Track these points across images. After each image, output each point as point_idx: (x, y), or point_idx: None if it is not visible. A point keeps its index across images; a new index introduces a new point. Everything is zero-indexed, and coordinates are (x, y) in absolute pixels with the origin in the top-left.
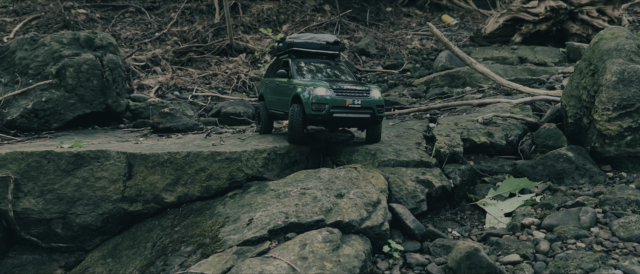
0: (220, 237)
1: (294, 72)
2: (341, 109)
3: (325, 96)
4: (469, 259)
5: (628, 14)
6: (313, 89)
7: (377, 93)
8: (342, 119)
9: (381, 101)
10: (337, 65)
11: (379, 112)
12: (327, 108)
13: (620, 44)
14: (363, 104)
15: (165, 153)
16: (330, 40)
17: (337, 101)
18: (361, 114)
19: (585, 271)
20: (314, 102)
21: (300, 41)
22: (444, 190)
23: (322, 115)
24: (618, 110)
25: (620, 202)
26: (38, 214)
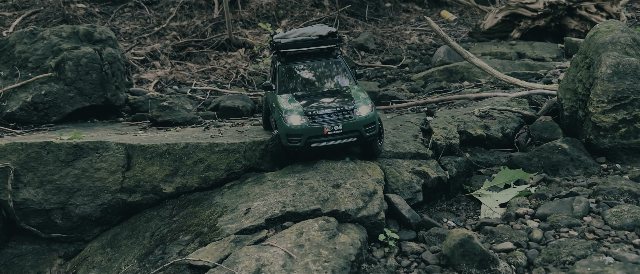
0: (218, 226)
1: (279, 84)
2: (320, 137)
3: (300, 126)
4: (463, 246)
5: (627, 10)
6: (287, 118)
7: (366, 109)
8: (324, 148)
9: (371, 118)
10: (331, 64)
11: (369, 131)
12: (303, 139)
13: (616, 37)
14: (345, 128)
15: (164, 144)
16: (324, 33)
17: (314, 130)
18: (345, 139)
19: (576, 258)
20: (288, 134)
21: (288, 41)
22: (439, 181)
23: (298, 147)
24: (613, 102)
25: (613, 193)
26: (37, 204)
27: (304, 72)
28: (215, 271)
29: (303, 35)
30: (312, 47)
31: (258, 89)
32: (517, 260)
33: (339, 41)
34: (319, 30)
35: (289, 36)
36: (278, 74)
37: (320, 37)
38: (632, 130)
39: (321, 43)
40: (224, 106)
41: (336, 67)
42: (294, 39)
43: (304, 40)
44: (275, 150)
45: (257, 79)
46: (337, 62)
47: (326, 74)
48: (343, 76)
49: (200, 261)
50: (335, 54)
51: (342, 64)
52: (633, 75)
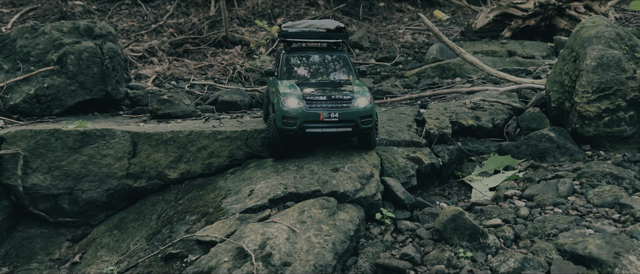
0: (223, 207)
1: (281, 71)
2: (315, 123)
3: (296, 109)
4: (454, 221)
5: (615, 11)
6: (284, 100)
7: (364, 100)
8: (318, 134)
9: (368, 110)
10: (335, 58)
11: (365, 123)
12: (298, 123)
13: (600, 32)
14: (341, 116)
15: (169, 132)
16: (332, 27)
17: (310, 115)
18: (340, 128)
19: (560, 231)
20: (284, 117)
21: (296, 30)
22: (433, 167)
23: (293, 130)
24: (597, 93)
25: (596, 175)
26: (46, 189)
27: (308, 63)
28: (222, 245)
29: (311, 27)
30: (319, 39)
31: (255, 85)
32: (505, 234)
33: (345, 37)
34: (327, 23)
35: (297, 26)
36: (281, 61)
37: (327, 31)
38: (615, 119)
39: (328, 36)
40: (222, 100)
41: (340, 61)
42: (301, 29)
43: (311, 31)
44: (270, 134)
45: (253, 75)
46: (342, 57)
47: (329, 67)
48: (345, 70)
49: (208, 236)
50: (340, 49)
51: (345, 59)
52: (616, 67)
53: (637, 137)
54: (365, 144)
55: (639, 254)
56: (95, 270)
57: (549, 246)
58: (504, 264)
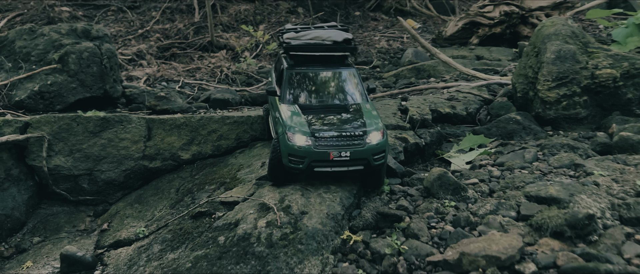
0: (239, 177)
1: (284, 91)
2: (324, 162)
3: (304, 147)
4: (440, 179)
5: (574, 20)
6: (291, 136)
7: (377, 136)
8: (328, 173)
9: (381, 146)
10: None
11: (377, 160)
12: (306, 162)
13: (558, 30)
14: (353, 155)
15: (182, 117)
16: (339, 39)
17: (319, 154)
18: (351, 167)
19: (526, 184)
20: (290, 154)
21: (300, 43)
22: (417, 146)
23: (300, 169)
24: (556, 81)
25: (556, 146)
26: (67, 170)
27: (313, 80)
28: (245, 203)
29: (316, 39)
30: (325, 52)
31: (242, 86)
32: (482, 189)
33: (354, 49)
34: (333, 35)
35: (301, 37)
36: (284, 79)
37: (334, 43)
38: (571, 103)
39: (335, 49)
40: (215, 98)
41: (348, 77)
42: (306, 41)
43: (316, 44)
44: (274, 163)
45: (240, 77)
46: (350, 72)
47: (337, 85)
48: (355, 89)
49: (232, 197)
50: (348, 63)
51: (354, 75)
52: (571, 59)
53: (590, 118)
54: (373, 183)
55: (588, 194)
56: (125, 234)
57: (518, 193)
58: (482, 208)
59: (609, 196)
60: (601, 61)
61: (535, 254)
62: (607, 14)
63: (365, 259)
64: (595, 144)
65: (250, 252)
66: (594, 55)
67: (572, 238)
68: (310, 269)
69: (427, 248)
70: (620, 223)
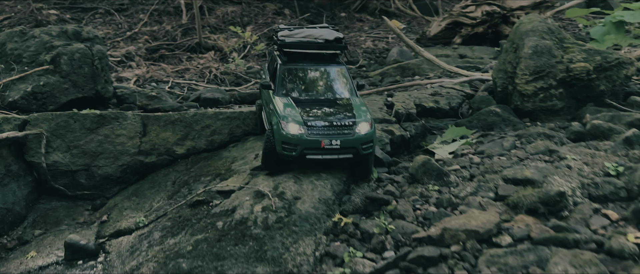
0: (233, 168)
1: (278, 85)
2: (316, 150)
3: (297, 135)
4: (424, 165)
5: (554, 20)
6: (285, 125)
7: (365, 126)
8: (319, 160)
9: (369, 136)
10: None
11: (366, 150)
12: (298, 150)
13: (535, 26)
14: (343, 144)
15: (176, 113)
16: (330, 38)
17: (311, 142)
18: (341, 155)
19: (504, 168)
20: (283, 142)
21: (294, 40)
22: (402, 138)
23: (293, 156)
24: (533, 75)
25: (533, 135)
26: (65, 166)
27: (306, 76)
28: (241, 192)
29: (309, 37)
30: (317, 50)
31: (231, 86)
32: (463, 174)
33: (345, 48)
34: (325, 34)
35: (295, 36)
36: (278, 74)
37: (326, 41)
38: (548, 95)
39: (327, 47)
40: (205, 98)
41: (339, 74)
42: (299, 39)
43: (309, 42)
44: (268, 152)
45: (229, 77)
46: (340, 69)
47: (328, 81)
48: (345, 84)
49: (228, 186)
50: (339, 61)
51: (344, 72)
52: (548, 53)
53: (566, 110)
54: (362, 173)
55: (560, 175)
56: (125, 224)
57: (496, 177)
58: (463, 190)
59: (579, 177)
60: (575, 55)
61: (511, 228)
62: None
63: (356, 239)
64: (569, 132)
65: (248, 234)
66: (569, 50)
67: (545, 214)
68: (304, 249)
69: (412, 226)
70: (590, 200)
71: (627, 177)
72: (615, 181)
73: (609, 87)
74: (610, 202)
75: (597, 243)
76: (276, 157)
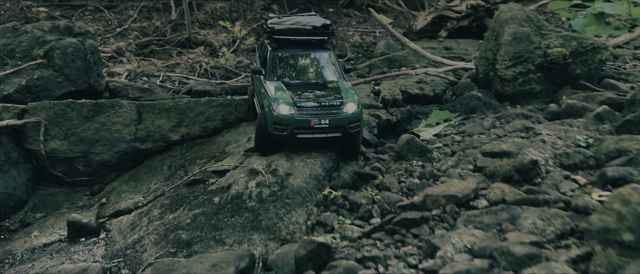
0: (227, 151)
1: (269, 70)
2: (306, 129)
3: (287, 115)
4: (409, 143)
5: (538, 13)
6: (276, 106)
7: (352, 106)
8: (309, 139)
9: (356, 115)
10: (322, 57)
11: (353, 128)
12: (289, 129)
13: (514, 14)
14: (332, 123)
15: (170, 101)
16: (318, 25)
17: (301, 122)
18: (330, 134)
19: (483, 144)
20: (275, 123)
21: (283, 28)
22: (389, 122)
23: (284, 136)
24: (512, 60)
25: (511, 115)
26: (63, 153)
27: (295, 61)
28: (235, 171)
29: (297, 24)
30: (305, 36)
31: (221, 79)
32: (445, 151)
33: (332, 34)
34: (313, 20)
35: (284, 23)
36: (269, 60)
37: (314, 28)
38: (526, 80)
39: (314, 34)
40: (196, 90)
41: (326, 59)
42: (288, 26)
43: (297, 29)
44: (260, 132)
45: (219, 71)
46: (328, 54)
47: (316, 65)
48: (333, 68)
49: (222, 166)
50: (326, 47)
51: (332, 57)
52: (526, 40)
53: (544, 92)
54: (350, 151)
55: (535, 147)
56: (124, 205)
57: (475, 151)
58: (445, 164)
59: (552, 149)
60: (553, 41)
61: (487, 194)
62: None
63: (345, 209)
64: (546, 113)
65: (244, 207)
66: (547, 36)
67: (519, 181)
68: (297, 218)
69: (397, 197)
70: (561, 168)
71: (596, 148)
72: (585, 151)
73: (585, 71)
74: (580, 170)
75: (565, 202)
76: (268, 138)
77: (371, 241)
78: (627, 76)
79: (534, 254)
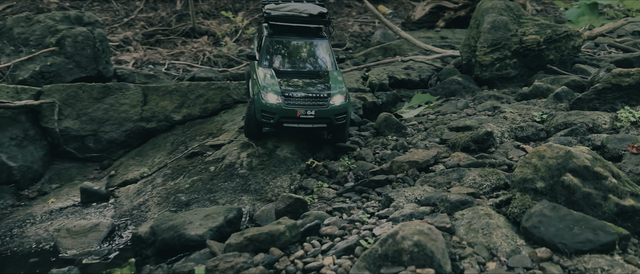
0: (224, 128)
1: (262, 55)
2: (292, 119)
3: (274, 104)
4: (386, 120)
5: (537, 4)
6: (265, 94)
7: (340, 98)
8: (295, 129)
9: (343, 107)
10: (316, 45)
11: (340, 120)
12: (276, 118)
13: (494, 4)
14: (317, 114)
15: (173, 84)
16: (314, 13)
17: (287, 111)
18: (315, 124)
19: (453, 120)
20: (263, 110)
21: (279, 13)
22: (374, 105)
23: (270, 124)
24: (491, 47)
25: (484, 97)
26: (75, 131)
27: (289, 48)
28: (229, 145)
29: (294, 11)
30: (301, 23)
31: (223, 67)
32: (418, 127)
33: (328, 23)
34: (310, 8)
35: (280, 9)
36: (263, 45)
37: (310, 16)
38: (503, 65)
39: (310, 21)
40: (199, 77)
41: (321, 47)
42: (284, 12)
43: (294, 15)
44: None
45: (221, 60)
46: (323, 43)
47: (310, 53)
48: (326, 57)
49: (219, 141)
50: (322, 35)
51: (326, 46)
52: (504, 28)
53: (519, 77)
54: (338, 138)
55: (495, 123)
56: (131, 176)
57: (443, 127)
58: (415, 138)
59: (510, 124)
60: (529, 29)
61: (446, 161)
62: None
63: (324, 176)
64: (517, 95)
65: (236, 174)
66: (524, 24)
67: (475, 150)
68: (281, 183)
69: (370, 165)
70: (515, 139)
71: (548, 122)
72: (538, 125)
73: (558, 57)
74: (531, 141)
75: (508, 165)
76: (257, 125)
77: (342, 199)
78: (599, 62)
79: (466, 200)
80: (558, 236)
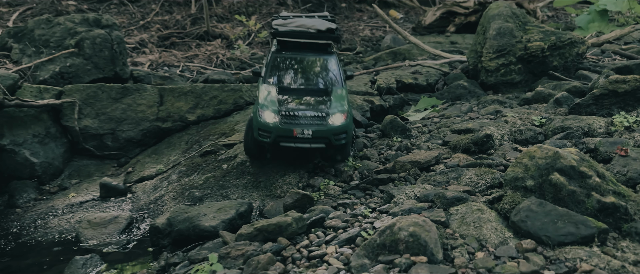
0: (236, 129)
1: (266, 71)
2: (288, 138)
3: (271, 123)
4: (391, 123)
5: (548, 10)
6: (262, 112)
7: (339, 117)
8: (292, 148)
9: (343, 127)
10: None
11: (338, 140)
12: (272, 137)
13: (500, 11)
14: (315, 134)
15: (188, 86)
16: (322, 28)
17: (283, 131)
18: (313, 144)
19: (456, 123)
20: (259, 129)
21: (286, 29)
22: (381, 107)
23: (267, 142)
24: (496, 53)
25: (488, 101)
26: (94, 130)
27: (294, 64)
28: (241, 145)
29: (302, 27)
30: (308, 39)
31: (236, 70)
32: (423, 130)
33: (337, 39)
34: (318, 24)
35: (288, 25)
36: (268, 61)
37: (318, 31)
38: (508, 71)
39: (318, 37)
40: (212, 79)
41: (328, 64)
42: (291, 28)
43: (301, 31)
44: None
45: (234, 62)
46: (330, 59)
47: (316, 70)
48: (332, 74)
49: (231, 140)
50: (330, 51)
51: (334, 63)
52: (509, 35)
53: (523, 82)
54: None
55: (495, 126)
56: (147, 172)
57: (446, 130)
58: (419, 140)
59: (510, 127)
60: (533, 36)
61: (447, 162)
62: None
63: (330, 174)
64: (520, 100)
65: (247, 171)
66: (529, 31)
67: (475, 152)
68: (290, 180)
69: (375, 165)
70: (514, 142)
71: (546, 126)
72: (536, 129)
73: (562, 63)
74: (529, 144)
75: (504, 166)
76: (256, 143)
77: (347, 196)
78: (602, 69)
79: (461, 197)
80: (543, 229)
